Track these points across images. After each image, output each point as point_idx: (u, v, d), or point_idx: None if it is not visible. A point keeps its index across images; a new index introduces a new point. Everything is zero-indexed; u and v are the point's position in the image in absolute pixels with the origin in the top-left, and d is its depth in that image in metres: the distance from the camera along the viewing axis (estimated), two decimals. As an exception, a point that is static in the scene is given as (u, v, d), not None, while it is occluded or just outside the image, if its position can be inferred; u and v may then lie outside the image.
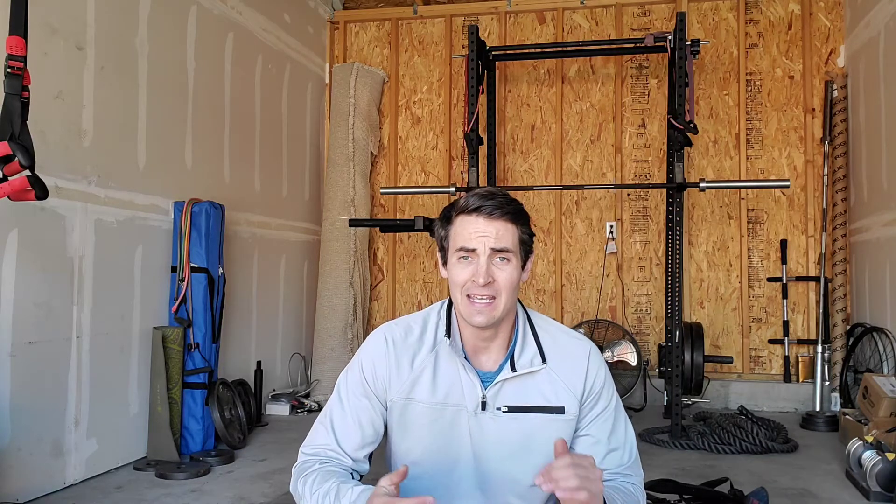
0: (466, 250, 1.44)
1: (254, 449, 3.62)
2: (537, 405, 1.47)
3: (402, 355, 1.51)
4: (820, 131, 4.83)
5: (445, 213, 1.52)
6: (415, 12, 5.47)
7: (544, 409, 1.47)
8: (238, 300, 4.23)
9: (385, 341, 1.53)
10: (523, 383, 1.48)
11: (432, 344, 1.52)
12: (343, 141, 5.15)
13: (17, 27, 2.17)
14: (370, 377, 1.52)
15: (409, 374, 1.49)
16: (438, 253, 1.56)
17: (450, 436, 1.48)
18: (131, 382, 3.33)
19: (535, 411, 1.47)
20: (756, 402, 4.68)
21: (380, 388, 1.51)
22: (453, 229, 1.48)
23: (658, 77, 5.10)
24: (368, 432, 1.52)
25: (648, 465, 3.31)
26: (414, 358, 1.50)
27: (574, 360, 1.51)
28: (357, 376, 1.54)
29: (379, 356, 1.52)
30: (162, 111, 3.58)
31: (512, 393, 1.48)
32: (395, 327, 1.56)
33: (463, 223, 1.46)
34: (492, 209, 1.43)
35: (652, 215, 5.07)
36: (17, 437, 2.70)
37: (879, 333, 4.11)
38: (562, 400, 1.48)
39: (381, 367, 1.51)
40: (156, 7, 3.53)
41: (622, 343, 4.72)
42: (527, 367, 1.48)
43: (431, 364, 1.50)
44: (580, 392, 1.49)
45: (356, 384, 1.54)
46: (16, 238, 2.72)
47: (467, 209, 1.45)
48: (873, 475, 2.77)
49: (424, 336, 1.53)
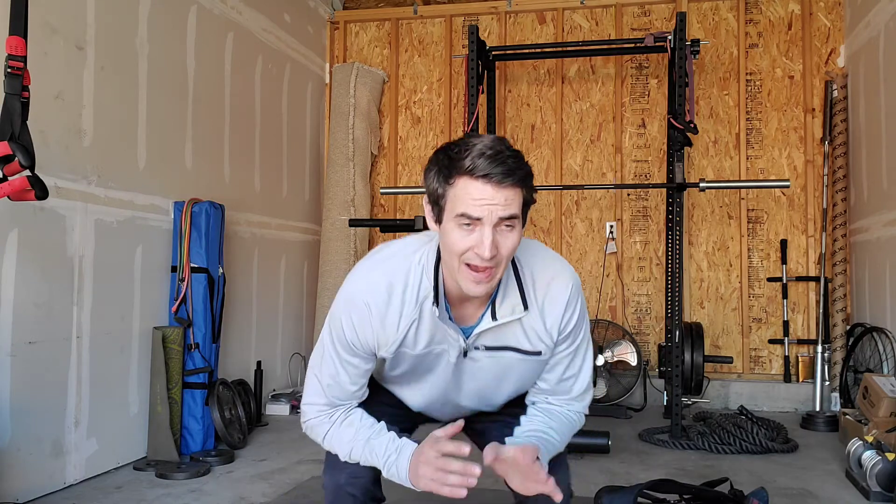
0: (470, 218, 1.32)
1: (254, 449, 3.62)
2: (515, 346, 1.51)
3: (386, 320, 1.47)
4: (820, 131, 4.83)
5: (444, 168, 1.34)
6: (415, 12, 5.47)
7: (521, 351, 1.52)
8: (238, 300, 4.23)
9: (368, 311, 1.47)
10: (502, 329, 1.50)
11: (415, 301, 1.46)
12: (343, 141, 5.15)
13: (17, 27, 2.17)
14: (357, 344, 1.51)
15: (395, 335, 1.48)
16: (429, 206, 1.40)
17: (434, 364, 1.55)
18: (131, 382, 3.33)
19: (512, 350, 1.52)
20: (756, 402, 4.68)
21: (368, 350, 1.52)
22: (453, 191, 1.33)
23: (658, 77, 5.10)
24: (364, 377, 1.57)
25: (648, 465, 3.32)
26: (399, 321, 1.47)
27: (553, 305, 1.51)
28: (344, 344, 1.51)
29: (362, 326, 1.48)
30: (162, 111, 3.58)
31: (492, 337, 1.50)
32: (375, 290, 1.47)
33: (466, 187, 1.31)
34: (502, 176, 1.30)
35: (652, 215, 5.07)
36: (17, 437, 2.70)
37: (879, 333, 4.11)
38: (538, 345, 1.51)
39: (367, 335, 1.49)
40: (156, 7, 3.53)
41: (622, 343, 4.71)
42: (508, 315, 1.48)
43: (416, 321, 1.48)
44: (556, 334, 1.52)
45: (344, 348, 1.52)
46: (16, 238, 2.72)
47: (474, 174, 1.30)
48: (873, 475, 2.77)
49: (406, 294, 1.46)
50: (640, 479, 2.97)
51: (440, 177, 1.35)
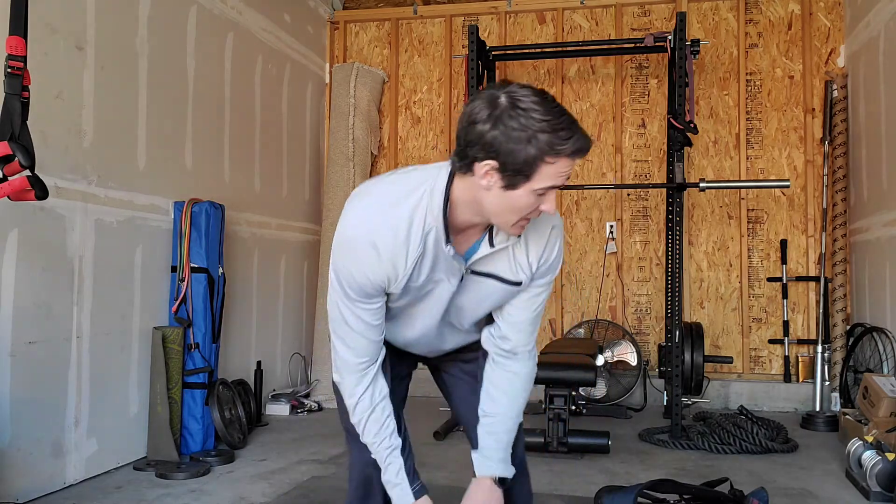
0: (554, 188, 1.40)
1: (254, 449, 3.62)
2: (499, 276, 1.61)
3: (395, 258, 1.51)
4: (820, 131, 4.83)
5: (546, 146, 1.33)
6: (415, 12, 5.47)
7: (503, 280, 1.62)
8: (238, 300, 4.23)
9: (376, 252, 1.50)
10: (493, 257, 1.59)
11: (420, 237, 1.50)
12: (343, 141, 5.15)
13: (17, 27, 2.17)
14: (368, 284, 1.54)
15: (404, 270, 1.53)
16: (497, 173, 1.37)
17: (430, 293, 1.63)
18: (131, 382, 3.33)
19: (495, 279, 1.62)
20: (756, 402, 4.68)
21: (379, 288, 1.56)
22: (549, 169, 1.35)
23: (658, 77, 5.10)
24: (383, 311, 1.62)
25: (648, 465, 3.32)
26: (407, 257, 1.52)
27: (539, 236, 1.62)
28: (355, 288, 1.55)
29: (372, 267, 1.52)
30: (162, 111, 3.58)
31: (482, 264, 1.60)
32: (380, 228, 1.49)
33: (562, 166, 1.36)
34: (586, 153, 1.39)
35: (652, 215, 5.07)
36: (17, 437, 2.70)
37: (879, 333, 4.11)
38: (519, 276, 1.62)
39: (378, 276, 1.53)
40: (156, 7, 3.53)
41: (622, 343, 4.72)
42: (503, 242, 1.57)
43: (421, 255, 1.53)
44: (535, 266, 1.63)
45: (356, 293, 1.55)
46: (16, 238, 2.72)
47: (572, 154, 1.35)
48: (873, 475, 2.77)
49: (411, 231, 1.49)
50: (640, 479, 2.97)
51: (538, 156, 1.35)
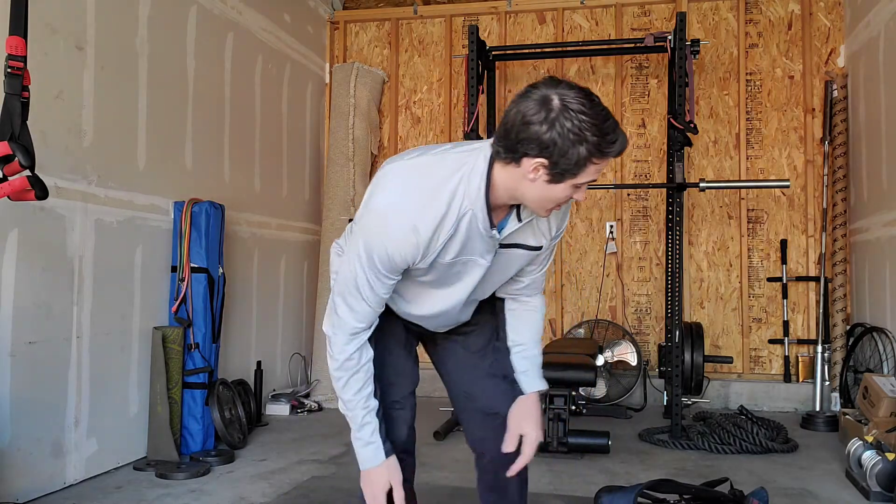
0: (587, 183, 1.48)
1: (254, 449, 3.62)
2: (524, 244, 1.69)
3: (432, 240, 1.54)
4: (820, 131, 4.83)
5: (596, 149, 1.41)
6: (415, 12, 5.47)
7: (527, 247, 1.70)
8: (238, 300, 4.23)
9: (416, 235, 1.52)
10: (521, 229, 1.65)
11: (454, 220, 1.53)
12: (343, 141, 5.15)
13: (17, 27, 2.17)
14: (401, 261, 1.56)
15: (433, 250, 1.56)
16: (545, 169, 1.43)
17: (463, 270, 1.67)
18: (131, 382, 3.33)
19: (519, 247, 1.69)
20: (756, 402, 4.68)
21: (407, 265, 1.59)
22: (591, 167, 1.44)
23: (658, 77, 5.10)
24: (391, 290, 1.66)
25: (648, 465, 3.32)
26: (439, 239, 1.54)
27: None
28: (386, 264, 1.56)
29: (409, 248, 1.53)
30: (162, 111, 3.58)
31: (511, 236, 1.65)
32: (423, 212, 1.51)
33: (601, 164, 1.46)
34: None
35: (652, 215, 5.07)
36: (17, 437, 2.70)
37: (879, 333, 4.11)
38: (541, 241, 1.70)
39: (412, 255, 1.55)
40: (156, 7, 3.53)
41: (622, 343, 4.72)
42: (529, 216, 1.62)
43: (453, 234, 1.55)
44: (555, 231, 1.72)
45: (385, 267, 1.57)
46: (16, 238, 2.72)
47: (616, 154, 1.45)
48: (873, 475, 2.77)
49: (447, 215, 1.52)
50: (640, 479, 2.97)
51: (588, 157, 1.42)
